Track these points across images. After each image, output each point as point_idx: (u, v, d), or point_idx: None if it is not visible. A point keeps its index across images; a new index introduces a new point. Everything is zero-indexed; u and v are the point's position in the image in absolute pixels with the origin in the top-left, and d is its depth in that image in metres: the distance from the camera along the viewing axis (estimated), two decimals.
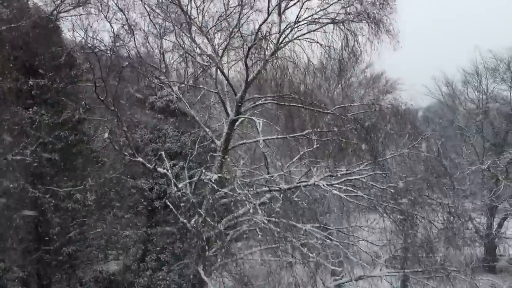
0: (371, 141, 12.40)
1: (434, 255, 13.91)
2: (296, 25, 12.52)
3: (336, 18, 12.45)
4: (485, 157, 30.67)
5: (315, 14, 12.49)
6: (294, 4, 12.56)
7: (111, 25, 14.45)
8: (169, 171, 12.40)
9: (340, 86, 12.06)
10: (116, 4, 14.22)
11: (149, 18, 15.43)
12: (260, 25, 12.35)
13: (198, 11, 14.30)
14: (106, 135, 11.85)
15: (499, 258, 32.17)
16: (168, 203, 14.76)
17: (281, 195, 11.92)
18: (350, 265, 14.46)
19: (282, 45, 12.67)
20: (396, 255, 14.44)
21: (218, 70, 13.21)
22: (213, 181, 13.32)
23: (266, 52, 12.69)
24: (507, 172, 30.50)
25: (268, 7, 12.15)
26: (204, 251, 13.47)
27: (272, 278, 14.28)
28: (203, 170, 12.36)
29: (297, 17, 12.45)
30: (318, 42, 13.02)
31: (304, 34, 12.94)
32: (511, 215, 30.29)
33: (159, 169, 12.27)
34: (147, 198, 16.50)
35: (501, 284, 23.52)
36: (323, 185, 11.42)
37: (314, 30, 12.89)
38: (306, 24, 12.71)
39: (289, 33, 12.68)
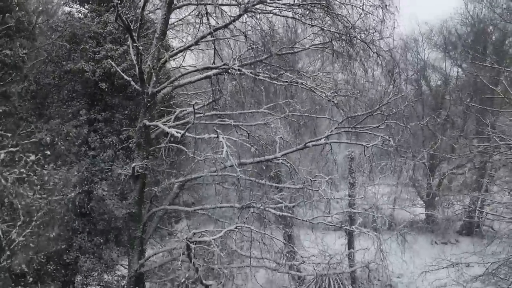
0: None
1: None
2: None
3: None
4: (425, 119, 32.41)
5: None
6: None
7: None
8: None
9: None
10: None
11: None
12: None
13: None
14: None
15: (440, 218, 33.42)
16: (113, 64, 14.11)
17: None
18: None
19: None
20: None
21: None
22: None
23: None
24: (443, 128, 32.41)
25: None
26: (152, 105, 12.95)
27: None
28: None
29: None
30: None
31: None
32: (451, 173, 31.79)
33: None
34: (89, 82, 15.59)
35: None
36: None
37: None
38: None
39: None
